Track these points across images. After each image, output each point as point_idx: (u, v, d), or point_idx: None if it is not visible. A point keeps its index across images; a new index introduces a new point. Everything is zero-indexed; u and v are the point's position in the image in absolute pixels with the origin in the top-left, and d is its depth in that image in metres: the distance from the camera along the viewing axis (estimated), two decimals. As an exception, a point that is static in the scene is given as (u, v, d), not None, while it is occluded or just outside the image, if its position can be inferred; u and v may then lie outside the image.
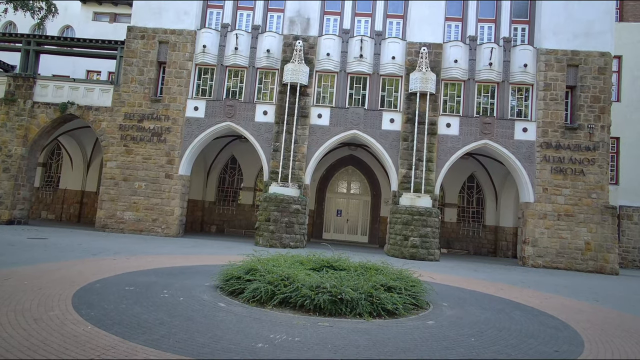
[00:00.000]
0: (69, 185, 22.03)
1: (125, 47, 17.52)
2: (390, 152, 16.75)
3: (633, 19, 20.09)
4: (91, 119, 17.26)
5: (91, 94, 17.46)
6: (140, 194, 16.89)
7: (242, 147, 20.78)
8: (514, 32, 17.36)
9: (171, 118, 17.16)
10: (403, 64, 17.07)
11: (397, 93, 17.29)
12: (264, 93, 17.66)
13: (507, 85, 16.76)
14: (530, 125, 16.41)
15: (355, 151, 21.08)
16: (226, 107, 17.27)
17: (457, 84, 17.17)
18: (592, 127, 16.02)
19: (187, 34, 17.54)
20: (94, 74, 22.21)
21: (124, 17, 22.28)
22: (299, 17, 17.56)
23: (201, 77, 17.78)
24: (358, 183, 21.97)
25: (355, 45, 17.29)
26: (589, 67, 16.34)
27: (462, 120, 16.72)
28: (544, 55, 16.53)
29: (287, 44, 17.36)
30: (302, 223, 16.12)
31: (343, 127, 16.98)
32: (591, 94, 16.24)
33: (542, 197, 15.95)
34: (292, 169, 16.64)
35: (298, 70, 16.68)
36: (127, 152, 17.05)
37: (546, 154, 16.09)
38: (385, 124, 16.96)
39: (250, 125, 17.20)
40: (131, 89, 17.30)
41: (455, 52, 16.95)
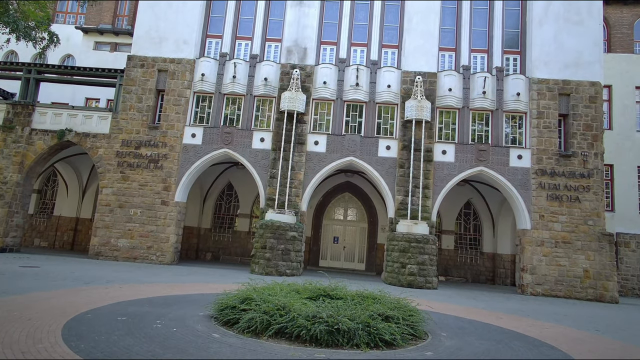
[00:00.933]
0: (63, 212, 21.85)
1: (124, 75, 17.78)
2: (386, 179, 16.80)
3: (620, 49, 20.69)
4: (88, 145, 17.31)
5: (89, 121, 17.58)
6: (136, 220, 16.75)
7: (239, 173, 20.82)
8: (506, 61, 17.78)
9: (168, 145, 17.23)
10: (398, 92, 17.36)
11: (393, 120, 17.50)
12: (261, 120, 17.84)
13: (500, 113, 17.03)
14: (524, 152, 16.58)
15: (351, 178, 21.15)
16: (223, 134, 17.39)
17: (451, 111, 17.42)
18: (586, 154, 16.21)
19: (186, 62, 17.86)
20: (93, 102, 22.42)
21: (124, 46, 22.70)
22: (296, 47, 17.95)
23: (199, 104, 17.99)
24: (355, 210, 21.93)
25: (351, 74, 17.62)
26: (580, 96, 16.68)
27: (457, 148, 16.88)
28: (536, 85, 16.88)
29: (285, 73, 17.68)
30: (298, 250, 15.97)
31: (340, 154, 17.09)
32: (583, 122, 16.52)
33: (539, 224, 15.94)
34: (289, 195, 16.62)
35: (295, 98, 16.92)
36: (123, 178, 17.02)
37: (541, 181, 16.19)
38: (381, 151, 17.08)
39: (247, 152, 17.28)
40: (129, 116, 17.44)
41: (450, 81, 17.28)
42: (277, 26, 18.61)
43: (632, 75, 20.36)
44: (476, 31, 18.09)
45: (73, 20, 23.96)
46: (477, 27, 18.10)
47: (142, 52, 17.99)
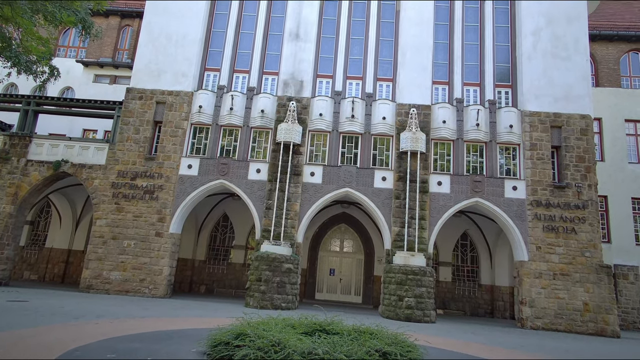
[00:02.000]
0: (55, 243, 21.51)
1: (123, 107, 17.99)
2: (382, 210, 16.77)
3: (608, 84, 21.30)
4: (84, 176, 17.27)
5: (86, 152, 17.62)
6: (129, 252, 16.50)
7: (235, 204, 20.74)
8: (498, 94, 18.17)
9: (164, 176, 17.23)
10: (393, 124, 17.62)
11: (389, 152, 17.66)
12: (257, 151, 17.95)
13: (494, 145, 17.25)
14: (519, 183, 16.69)
15: (348, 209, 21.11)
16: (220, 165, 17.45)
17: (446, 143, 17.63)
18: (580, 185, 16.34)
19: (184, 95, 18.12)
20: (90, 133, 22.57)
21: (123, 79, 23.10)
22: (292, 80, 18.31)
23: (196, 135, 18.13)
24: (351, 241, 21.76)
25: (347, 106, 17.92)
26: (571, 129, 16.99)
27: (452, 179, 16.98)
28: (528, 117, 17.21)
29: (281, 105, 17.95)
30: (294, 283, 15.70)
31: (336, 185, 17.13)
32: (576, 153, 16.75)
33: (536, 255, 15.84)
34: (285, 227, 16.51)
35: (291, 129, 17.11)
36: (118, 210, 16.90)
37: (537, 212, 16.22)
38: (377, 182, 17.14)
39: (243, 183, 17.29)
40: (126, 147, 17.51)
41: (443, 113, 17.59)
42: (274, 60, 19.05)
43: (620, 109, 20.88)
44: (468, 65, 18.58)
45: (74, 53, 24.45)
46: (469, 62, 18.60)
47: (141, 84, 18.27)
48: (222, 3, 19.74)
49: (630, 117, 20.90)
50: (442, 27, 19.02)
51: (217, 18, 19.59)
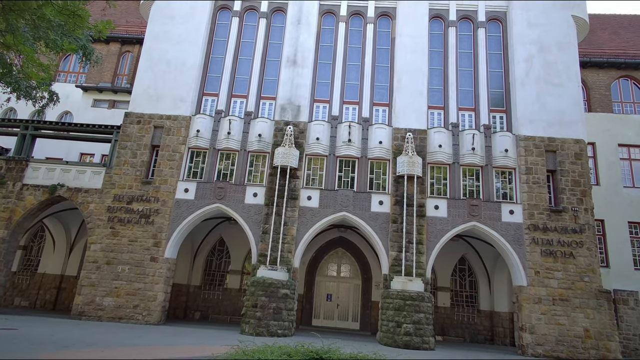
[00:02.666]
0: (48, 269, 21.16)
1: (121, 131, 18.07)
2: (380, 234, 16.69)
3: (600, 109, 21.65)
4: (80, 200, 17.17)
5: (82, 176, 17.57)
6: (123, 278, 16.25)
7: (231, 229, 20.60)
8: (492, 119, 18.40)
9: (161, 200, 17.16)
10: (390, 148, 17.74)
11: (385, 176, 17.71)
12: (254, 175, 17.96)
13: (490, 169, 17.36)
14: (516, 207, 16.70)
15: (344, 233, 21.00)
16: (216, 189, 17.41)
17: (442, 167, 17.73)
18: (576, 210, 16.37)
19: (182, 119, 18.25)
20: (87, 157, 22.58)
21: (122, 103, 23.30)
22: (290, 105, 18.51)
23: (193, 159, 18.16)
24: (348, 266, 21.55)
25: (343, 131, 18.06)
26: (566, 153, 17.15)
27: (449, 203, 16.98)
28: (523, 142, 17.39)
29: (278, 129, 18.08)
30: (290, 309, 15.44)
31: (332, 209, 17.08)
32: (571, 178, 16.85)
33: (535, 280, 15.71)
34: (281, 251, 16.36)
35: (288, 153, 17.18)
36: (113, 234, 16.73)
37: (534, 236, 16.17)
38: (374, 206, 17.11)
39: (240, 207, 17.22)
40: (123, 171, 17.49)
41: (439, 138, 17.75)
42: (272, 85, 19.31)
43: (613, 134, 21.16)
44: (463, 91, 18.89)
45: (74, 79, 24.72)
46: (464, 87, 18.93)
47: (140, 109, 18.42)
48: (221, 30, 20.16)
49: (623, 142, 21.15)
50: (436, 53, 19.44)
51: (215, 45, 19.96)
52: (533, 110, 17.79)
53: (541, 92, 17.94)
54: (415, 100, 18.33)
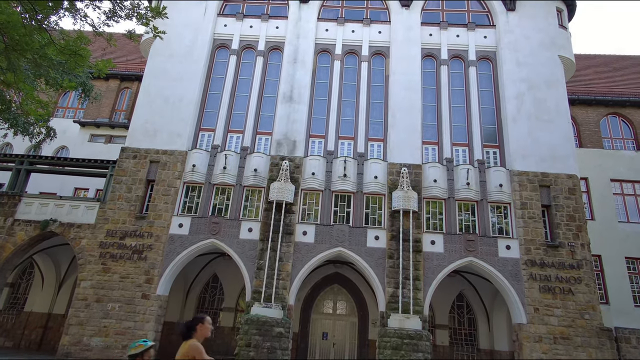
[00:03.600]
0: (35, 307, 20.51)
1: (116, 166, 18.07)
2: (376, 270, 16.46)
3: (591, 145, 22.05)
4: (72, 236, 16.90)
5: (76, 211, 17.40)
6: (113, 316, 15.77)
7: (225, 264, 20.26)
8: (486, 154, 18.61)
9: (154, 235, 16.94)
10: (385, 183, 17.80)
11: (381, 211, 17.68)
12: (249, 210, 17.87)
13: (485, 204, 17.40)
14: (512, 242, 16.64)
15: (340, 269, 20.70)
16: (211, 224, 17.26)
17: (438, 202, 17.75)
18: (573, 245, 16.32)
19: (179, 154, 18.32)
20: (82, 191, 22.44)
21: (119, 138, 23.43)
22: (285, 140, 18.69)
23: (188, 194, 18.09)
24: (344, 303, 21.09)
25: (339, 166, 18.17)
26: (559, 188, 17.29)
27: (446, 238, 16.89)
28: (517, 177, 17.54)
29: (274, 164, 18.16)
30: (285, 349, 14.96)
31: (328, 244, 16.92)
32: (566, 212, 16.91)
33: (535, 317, 15.42)
34: (276, 288, 16.04)
35: (284, 188, 17.18)
36: (104, 270, 16.38)
37: (532, 272, 16.02)
38: (370, 241, 16.98)
39: (235, 243, 17.01)
40: (117, 206, 17.35)
41: (434, 173, 17.89)
42: (268, 120, 19.57)
43: (605, 169, 21.45)
44: (456, 126, 19.21)
45: (72, 114, 24.95)
46: (457, 123, 19.27)
47: (136, 143, 18.51)
48: (219, 68, 20.63)
49: (615, 177, 21.41)
50: (429, 90, 19.91)
51: (213, 81, 20.37)
52: (525, 145, 18.06)
53: (533, 128, 18.29)
54: (410, 135, 18.58)
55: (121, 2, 9.52)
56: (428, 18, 21.16)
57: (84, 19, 9.23)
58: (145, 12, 9.38)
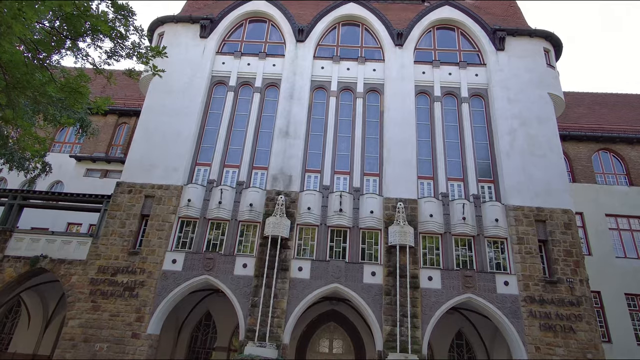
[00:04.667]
0: (19, 348, 19.73)
1: (111, 201, 17.93)
2: (373, 307, 16.11)
3: (584, 180, 22.27)
4: (62, 272, 16.52)
5: (67, 247, 17.09)
6: (101, 357, 15.18)
7: (218, 301, 19.77)
8: (481, 189, 18.69)
9: (147, 271, 16.60)
10: (381, 217, 17.74)
11: (377, 246, 17.52)
12: (244, 245, 17.65)
13: (482, 239, 17.31)
14: (510, 278, 16.44)
15: (336, 306, 20.25)
16: (205, 260, 16.98)
17: (434, 237, 17.65)
18: (571, 281, 16.14)
19: (174, 189, 18.27)
20: (74, 227, 22.14)
21: (115, 172, 23.38)
22: (281, 175, 18.73)
23: (183, 229, 17.90)
24: (341, 341, 20.50)
25: (335, 200, 18.14)
26: (555, 223, 17.28)
27: (443, 274, 16.68)
28: (512, 211, 17.56)
29: (270, 199, 18.11)
30: (279, 391, 14.39)
31: (324, 280, 16.63)
32: (563, 248, 16.83)
33: (536, 357, 15.00)
34: (271, 326, 15.60)
35: (280, 223, 17.06)
36: (93, 308, 15.91)
37: (531, 309, 15.73)
38: (366, 277, 16.71)
39: (229, 279, 16.69)
40: (110, 242, 17.09)
41: (430, 207, 17.89)
42: (264, 155, 19.69)
43: (599, 204, 21.55)
44: (451, 161, 19.39)
45: (69, 149, 24.98)
46: (452, 158, 19.46)
47: (132, 178, 18.48)
48: (216, 103, 20.96)
49: (610, 212, 21.49)
50: (424, 126, 20.24)
51: (210, 117, 20.62)
52: (520, 180, 18.20)
53: (526, 164, 18.49)
54: (405, 170, 18.70)
55: (122, 41, 9.77)
56: (421, 57, 21.83)
57: (85, 58, 9.43)
58: (145, 52, 9.61)
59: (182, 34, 22.19)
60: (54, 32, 8.72)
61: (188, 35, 22.13)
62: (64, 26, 9.00)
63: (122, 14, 9.34)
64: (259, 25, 23.13)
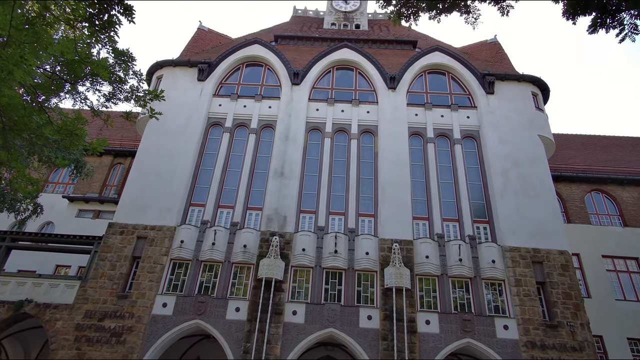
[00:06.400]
0: (-3, 398, 18.69)
1: (102, 242, 17.60)
2: (370, 353, 15.54)
3: (578, 220, 22.30)
4: (47, 318, 15.90)
5: (54, 290, 16.55)
6: (82, 409, 14.35)
7: (210, 347, 18.99)
8: (477, 230, 18.62)
9: (136, 316, 16.03)
10: (377, 259, 17.50)
11: (373, 288, 17.17)
12: (237, 288, 17.22)
13: (479, 281, 17.05)
14: (510, 322, 16.04)
15: (332, 352, 19.52)
16: (197, 304, 16.48)
17: (431, 279, 17.36)
18: (572, 325, 15.77)
19: (167, 229, 18.02)
20: (63, 269, 21.54)
21: (107, 213, 23.07)
22: (276, 215, 18.60)
23: (174, 272, 17.49)
24: (337, 390, 19.60)
25: (330, 241, 17.93)
26: (552, 264, 17.12)
27: (441, 317, 16.27)
28: (509, 252, 17.42)
29: (264, 240, 17.88)
30: None
31: (319, 324, 16.13)
32: (561, 290, 16.57)
33: (541, 406, 14.40)
34: (264, 374, 14.94)
35: (274, 265, 16.75)
36: (78, 356, 15.19)
37: (533, 355, 15.24)
38: (362, 321, 16.25)
39: (221, 324, 16.13)
40: (99, 285, 16.61)
41: (426, 248, 17.71)
42: (259, 195, 19.64)
43: (595, 245, 21.44)
44: (446, 202, 19.43)
45: (62, 189, 24.75)
46: (446, 199, 19.52)
47: (124, 219, 18.24)
48: (212, 144, 21.13)
49: (606, 253, 21.34)
50: (418, 166, 20.44)
51: (206, 157, 20.73)
52: (515, 221, 18.18)
53: (520, 204, 18.55)
54: (400, 211, 18.67)
55: (121, 85, 9.95)
56: (413, 99, 22.40)
57: (84, 101, 9.55)
58: (143, 95, 9.76)
59: (180, 76, 22.72)
60: (54, 76, 8.87)
61: (186, 78, 22.64)
62: (64, 70, 9.17)
63: (122, 60, 9.56)
64: (255, 69, 23.79)
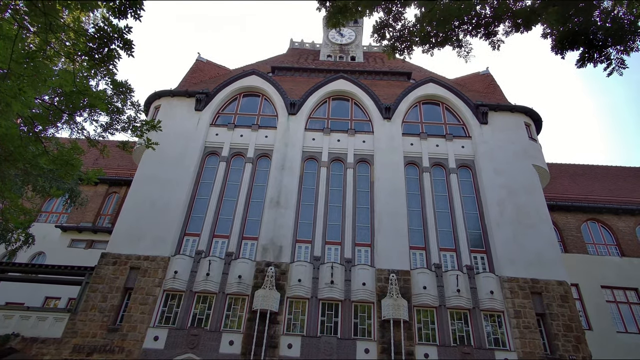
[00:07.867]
0: None
1: (94, 273, 17.26)
2: (367, 389, 15.05)
3: (575, 250, 22.18)
4: (33, 352, 15.36)
5: (42, 324, 16.08)
6: None
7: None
8: (474, 259, 18.45)
9: (126, 350, 15.53)
10: (374, 290, 17.21)
11: (370, 320, 16.81)
12: (231, 320, 16.81)
13: (478, 312, 16.75)
14: (510, 355, 15.66)
15: (329, 387, 18.88)
16: (189, 337, 16.03)
17: (429, 310, 17.05)
18: (574, 358, 15.41)
19: (161, 260, 17.74)
20: (52, 301, 20.99)
21: (100, 243, 22.72)
22: (272, 245, 18.40)
23: (167, 303, 17.10)
24: None
25: (326, 272, 17.68)
26: (551, 295, 16.89)
27: (440, 350, 15.87)
28: (507, 283, 17.21)
29: (259, 270, 17.60)
30: None
31: (315, 358, 15.66)
32: (562, 322, 16.28)
33: None
34: (257, 412, 14.37)
35: (269, 296, 16.43)
36: (64, 393, 14.62)
37: (536, 390, 14.84)
38: (360, 355, 15.82)
39: (214, 358, 15.63)
40: (89, 317, 16.16)
41: (423, 279, 17.47)
42: (254, 225, 19.48)
43: (594, 275, 21.22)
44: (442, 232, 19.33)
45: (55, 218, 24.45)
46: (443, 228, 19.43)
47: (117, 249, 17.97)
48: (208, 173, 21.13)
49: (606, 284, 21.09)
50: (414, 195, 20.44)
51: (201, 186, 20.67)
52: (512, 250, 18.05)
53: (517, 234, 18.48)
54: (397, 240, 18.53)
55: (119, 116, 10.02)
56: (408, 129, 22.67)
57: (81, 132, 9.58)
58: (141, 126, 9.82)
59: (178, 106, 22.96)
60: (52, 107, 8.93)
61: (183, 108, 22.88)
62: (62, 101, 9.24)
63: (120, 90, 9.67)
64: (252, 99, 24.12)
